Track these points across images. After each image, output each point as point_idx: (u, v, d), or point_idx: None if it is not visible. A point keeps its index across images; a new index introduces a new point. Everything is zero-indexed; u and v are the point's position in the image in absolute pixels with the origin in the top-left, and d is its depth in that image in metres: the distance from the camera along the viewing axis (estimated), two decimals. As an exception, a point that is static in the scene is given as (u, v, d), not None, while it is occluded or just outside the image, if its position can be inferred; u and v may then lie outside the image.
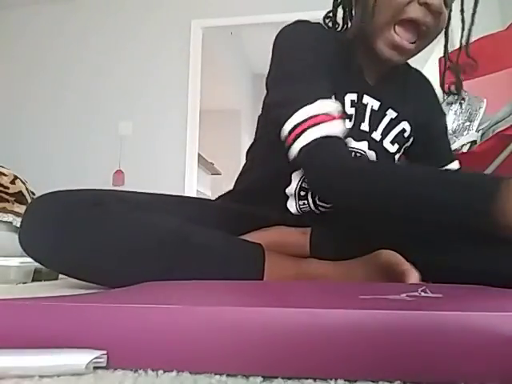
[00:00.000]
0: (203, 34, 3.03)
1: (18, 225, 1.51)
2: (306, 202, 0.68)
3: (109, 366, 0.24)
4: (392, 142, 0.70)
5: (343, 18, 0.71)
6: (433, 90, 0.79)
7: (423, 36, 0.60)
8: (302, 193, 0.67)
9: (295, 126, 0.55)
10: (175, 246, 0.52)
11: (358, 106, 0.67)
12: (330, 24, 0.72)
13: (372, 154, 0.68)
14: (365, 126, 0.68)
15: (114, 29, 3.14)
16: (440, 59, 1.93)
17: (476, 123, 1.46)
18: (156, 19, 3.08)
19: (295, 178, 0.67)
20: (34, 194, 1.70)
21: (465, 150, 1.40)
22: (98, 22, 3.18)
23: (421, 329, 0.23)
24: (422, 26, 0.59)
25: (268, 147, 0.71)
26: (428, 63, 4.16)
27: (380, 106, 0.68)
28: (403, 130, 0.71)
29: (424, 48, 0.64)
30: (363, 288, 0.37)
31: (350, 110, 0.67)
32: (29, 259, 0.87)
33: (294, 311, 0.24)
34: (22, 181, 1.60)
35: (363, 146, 0.68)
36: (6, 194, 1.50)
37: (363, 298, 0.30)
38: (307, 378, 0.23)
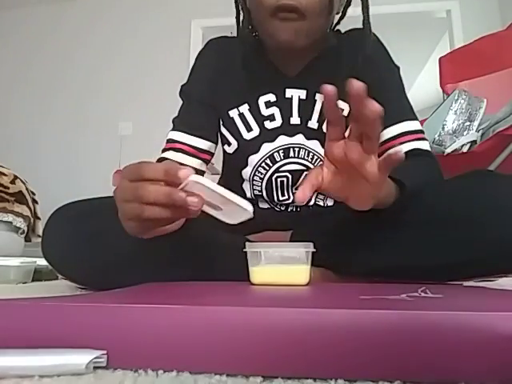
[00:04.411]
0: (203, 34, 3.02)
1: (18, 224, 1.52)
2: (259, 188, 0.69)
3: (109, 366, 0.24)
4: None
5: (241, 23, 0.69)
6: (375, 47, 0.69)
7: (306, 9, 0.56)
8: (256, 178, 0.69)
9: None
10: (204, 248, 0.53)
11: (280, 103, 0.67)
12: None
13: (314, 144, 0.67)
14: (295, 120, 0.67)
15: (114, 29, 3.14)
16: (440, 59, 1.94)
17: (476, 123, 1.46)
18: (156, 19, 3.08)
19: (251, 164, 0.68)
20: (34, 193, 1.69)
21: (465, 150, 1.40)
22: (97, 22, 3.18)
23: (421, 329, 0.23)
24: (292, 9, 0.56)
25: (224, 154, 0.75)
26: (428, 63, 4.16)
27: (307, 93, 0.66)
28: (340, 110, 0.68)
29: (327, 17, 0.59)
30: (363, 288, 0.37)
31: (268, 111, 0.67)
32: (29, 259, 0.87)
33: (294, 311, 0.24)
34: (22, 181, 1.60)
35: (298, 139, 0.66)
36: (6, 193, 1.50)
37: (363, 298, 0.30)
38: (307, 378, 0.23)
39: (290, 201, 0.68)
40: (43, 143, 3.04)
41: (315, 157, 0.67)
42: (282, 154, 0.67)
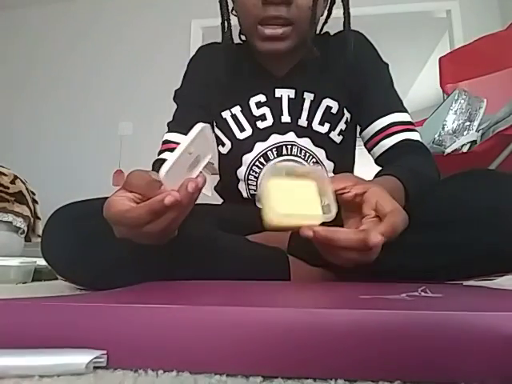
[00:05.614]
0: (203, 34, 3.02)
1: (18, 224, 1.52)
2: (255, 187, 0.70)
3: (109, 366, 0.24)
4: (321, 123, 0.68)
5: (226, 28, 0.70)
6: (362, 46, 0.71)
7: (292, 18, 0.60)
8: (251, 177, 0.69)
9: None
10: (204, 249, 0.53)
11: (271, 102, 0.69)
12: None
13: (305, 141, 0.68)
14: (286, 118, 0.69)
15: (114, 29, 3.14)
16: (440, 59, 1.94)
17: (476, 123, 1.46)
18: (156, 19, 3.08)
19: (245, 163, 0.69)
20: (34, 193, 1.70)
21: (465, 150, 1.40)
22: (97, 22, 3.18)
23: (421, 329, 0.23)
24: (279, 18, 0.59)
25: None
26: (428, 63, 4.16)
27: (296, 92, 0.69)
28: (328, 108, 0.69)
29: (312, 24, 0.61)
30: (363, 288, 0.37)
31: (260, 111, 0.69)
32: (29, 259, 0.87)
33: (294, 311, 0.24)
34: (22, 181, 1.60)
35: (290, 137, 0.68)
36: (6, 193, 1.50)
37: (363, 297, 0.30)
38: (307, 378, 0.23)
39: None
40: (43, 143, 3.04)
41: (307, 154, 0.68)
42: (275, 152, 0.68)
